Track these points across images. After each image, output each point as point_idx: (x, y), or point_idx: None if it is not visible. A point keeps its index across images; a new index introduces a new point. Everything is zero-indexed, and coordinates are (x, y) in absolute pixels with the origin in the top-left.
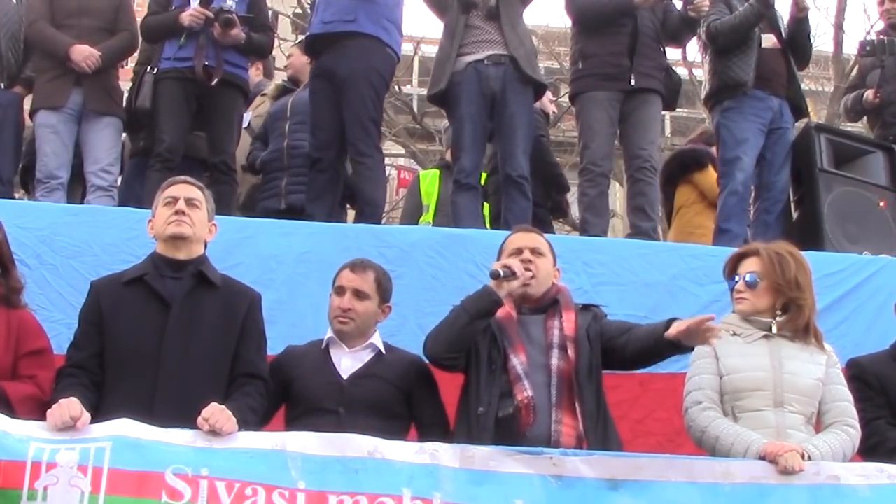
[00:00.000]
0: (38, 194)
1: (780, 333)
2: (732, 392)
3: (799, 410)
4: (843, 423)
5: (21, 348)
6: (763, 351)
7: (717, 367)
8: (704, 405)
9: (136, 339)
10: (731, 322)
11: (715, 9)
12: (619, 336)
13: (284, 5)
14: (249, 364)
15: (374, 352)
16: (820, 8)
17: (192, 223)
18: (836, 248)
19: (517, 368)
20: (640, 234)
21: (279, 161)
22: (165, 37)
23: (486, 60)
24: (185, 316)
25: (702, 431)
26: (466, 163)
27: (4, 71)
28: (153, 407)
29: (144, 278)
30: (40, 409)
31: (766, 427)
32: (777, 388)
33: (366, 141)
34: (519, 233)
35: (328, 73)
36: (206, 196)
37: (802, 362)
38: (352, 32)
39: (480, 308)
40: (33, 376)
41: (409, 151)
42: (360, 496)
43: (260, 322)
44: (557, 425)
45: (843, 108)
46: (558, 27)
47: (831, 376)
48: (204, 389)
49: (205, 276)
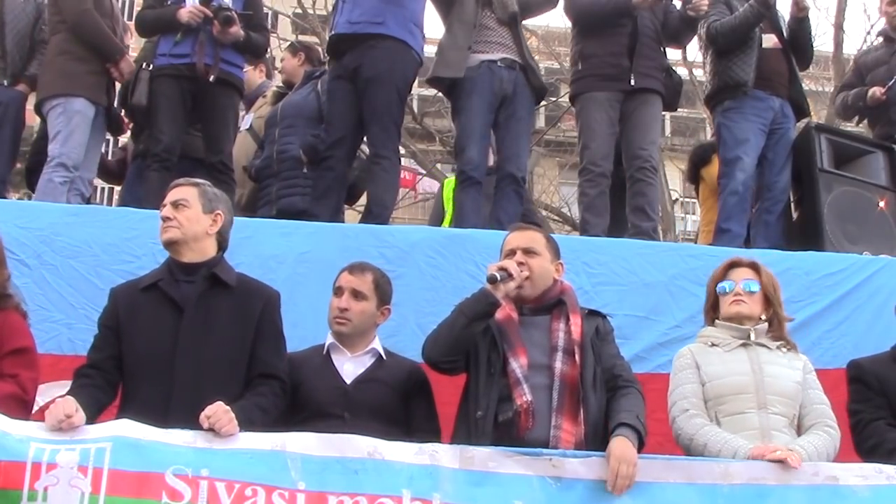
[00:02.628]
0: (54, 175)
1: (758, 342)
2: (715, 397)
3: (781, 412)
4: (823, 424)
5: (3, 347)
6: (743, 357)
7: (698, 376)
8: (691, 412)
9: (150, 344)
10: (709, 334)
11: (715, 9)
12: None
13: (284, 5)
14: (265, 364)
15: (375, 357)
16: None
17: (180, 224)
18: (836, 248)
19: (517, 372)
20: (640, 234)
21: (270, 168)
22: (161, 32)
23: (499, 62)
24: (198, 319)
25: (690, 439)
26: (475, 154)
27: (9, 68)
28: (169, 412)
29: (159, 284)
30: (21, 409)
31: (751, 429)
32: (759, 390)
33: (385, 143)
34: (514, 232)
35: (351, 73)
36: (200, 191)
37: (781, 367)
38: (379, 35)
39: (478, 311)
40: (15, 375)
41: (409, 151)
42: (359, 497)
43: (277, 320)
44: (557, 430)
45: (840, 105)
46: (558, 27)
47: (808, 381)
48: (220, 392)
49: (218, 277)
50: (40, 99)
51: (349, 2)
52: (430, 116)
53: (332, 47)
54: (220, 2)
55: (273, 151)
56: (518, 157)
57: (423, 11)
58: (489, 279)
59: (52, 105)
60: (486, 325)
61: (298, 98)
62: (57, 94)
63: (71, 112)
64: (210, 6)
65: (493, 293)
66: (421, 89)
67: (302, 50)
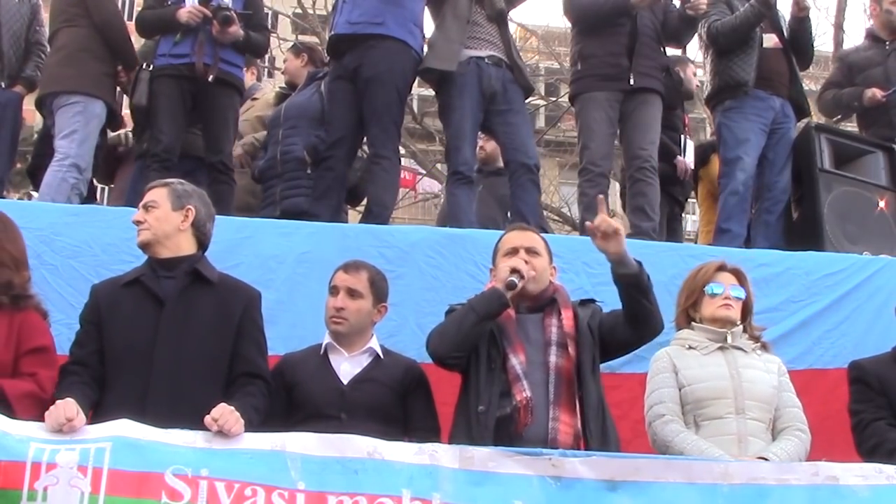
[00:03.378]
0: (68, 175)
1: (734, 345)
2: (694, 402)
3: (758, 417)
4: (794, 427)
5: (22, 346)
6: (720, 361)
7: (675, 380)
8: (667, 418)
9: (130, 337)
10: (686, 337)
11: (715, 9)
12: (616, 316)
13: (284, 5)
14: (249, 363)
15: (372, 356)
16: (820, 8)
17: (150, 225)
18: (836, 248)
19: (516, 368)
20: (640, 234)
21: (273, 169)
22: (161, 32)
23: (486, 59)
24: (178, 313)
25: (666, 445)
26: (469, 154)
27: (6, 70)
28: (146, 404)
29: (140, 279)
30: (39, 407)
31: (728, 434)
32: (738, 396)
33: (386, 143)
34: (515, 231)
35: (351, 73)
36: (169, 190)
37: (758, 371)
38: (378, 35)
39: (490, 310)
40: (34, 374)
41: (409, 151)
42: (359, 497)
43: (259, 320)
44: (555, 423)
45: (831, 102)
46: (558, 27)
47: (782, 384)
48: (198, 387)
49: (200, 273)
50: (52, 91)
51: (349, 2)
52: (430, 116)
53: (332, 47)
54: (220, 2)
55: (277, 152)
56: (525, 145)
57: (422, 12)
58: (509, 286)
59: (70, 101)
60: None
61: (302, 99)
62: (77, 92)
63: (90, 115)
64: (209, 6)
65: (505, 293)
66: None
67: (305, 51)
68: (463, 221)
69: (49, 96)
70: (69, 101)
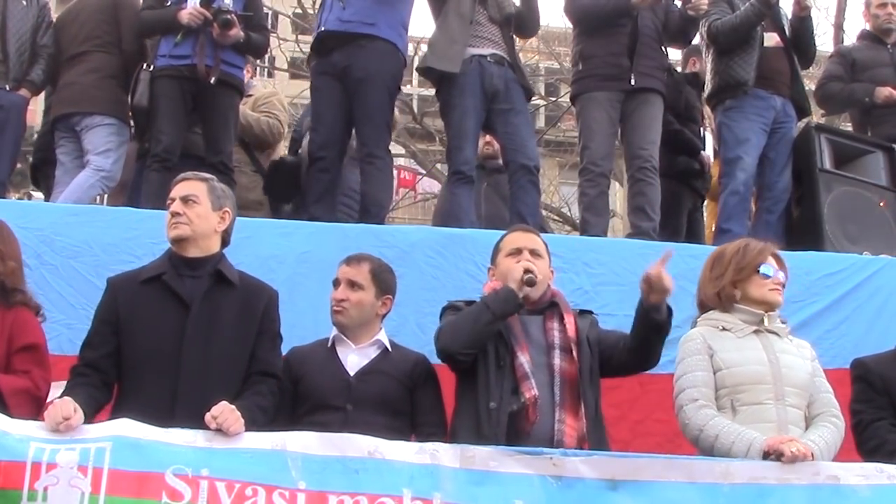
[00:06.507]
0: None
1: (769, 328)
2: (733, 385)
3: (796, 404)
4: (829, 413)
5: (13, 344)
6: (757, 345)
7: (709, 363)
8: (700, 402)
9: (155, 339)
10: (718, 318)
11: (716, 8)
12: (618, 340)
13: (284, 5)
14: (263, 362)
15: (380, 348)
16: (820, 8)
17: (190, 220)
18: (836, 248)
19: (525, 366)
20: (640, 234)
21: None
22: (161, 33)
23: (489, 57)
24: (203, 316)
25: (699, 430)
26: (470, 154)
27: (10, 73)
28: (175, 408)
29: (163, 277)
30: (33, 405)
31: (768, 421)
32: (777, 381)
33: (378, 143)
34: (518, 232)
35: (339, 71)
36: (209, 187)
37: (794, 356)
38: (369, 35)
39: (507, 310)
40: (28, 372)
41: (409, 151)
42: (360, 496)
43: (276, 319)
44: (560, 425)
45: (841, 96)
46: (558, 27)
47: (815, 370)
48: (224, 389)
49: (223, 274)
50: (87, 111)
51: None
52: (430, 116)
53: (320, 43)
54: (221, 3)
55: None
56: (525, 146)
57: (410, 14)
58: (528, 283)
59: (105, 122)
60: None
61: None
62: (114, 116)
63: (122, 138)
64: (210, 8)
65: (518, 294)
66: (421, 89)
67: None
68: (463, 221)
69: (81, 114)
70: (104, 121)
